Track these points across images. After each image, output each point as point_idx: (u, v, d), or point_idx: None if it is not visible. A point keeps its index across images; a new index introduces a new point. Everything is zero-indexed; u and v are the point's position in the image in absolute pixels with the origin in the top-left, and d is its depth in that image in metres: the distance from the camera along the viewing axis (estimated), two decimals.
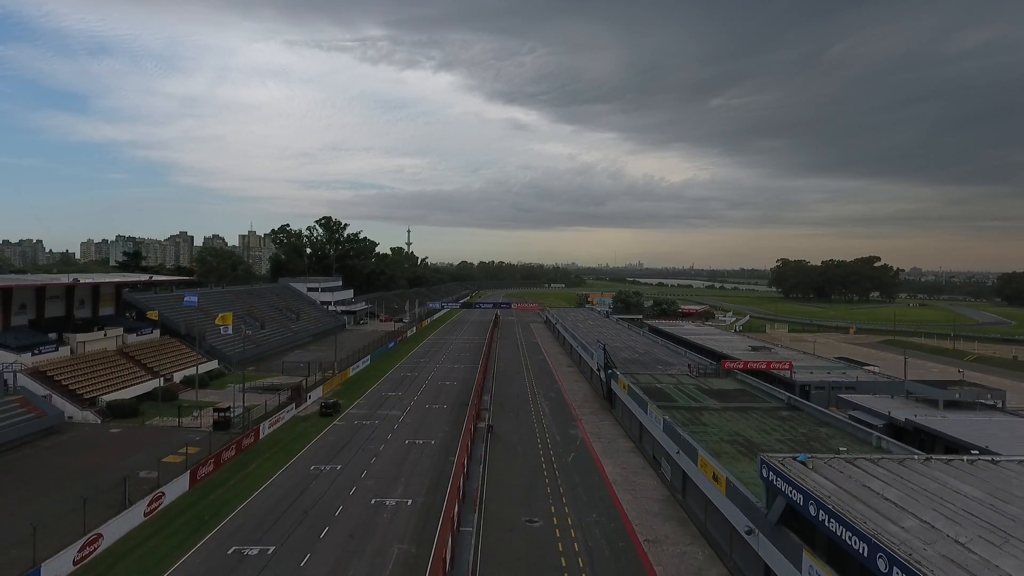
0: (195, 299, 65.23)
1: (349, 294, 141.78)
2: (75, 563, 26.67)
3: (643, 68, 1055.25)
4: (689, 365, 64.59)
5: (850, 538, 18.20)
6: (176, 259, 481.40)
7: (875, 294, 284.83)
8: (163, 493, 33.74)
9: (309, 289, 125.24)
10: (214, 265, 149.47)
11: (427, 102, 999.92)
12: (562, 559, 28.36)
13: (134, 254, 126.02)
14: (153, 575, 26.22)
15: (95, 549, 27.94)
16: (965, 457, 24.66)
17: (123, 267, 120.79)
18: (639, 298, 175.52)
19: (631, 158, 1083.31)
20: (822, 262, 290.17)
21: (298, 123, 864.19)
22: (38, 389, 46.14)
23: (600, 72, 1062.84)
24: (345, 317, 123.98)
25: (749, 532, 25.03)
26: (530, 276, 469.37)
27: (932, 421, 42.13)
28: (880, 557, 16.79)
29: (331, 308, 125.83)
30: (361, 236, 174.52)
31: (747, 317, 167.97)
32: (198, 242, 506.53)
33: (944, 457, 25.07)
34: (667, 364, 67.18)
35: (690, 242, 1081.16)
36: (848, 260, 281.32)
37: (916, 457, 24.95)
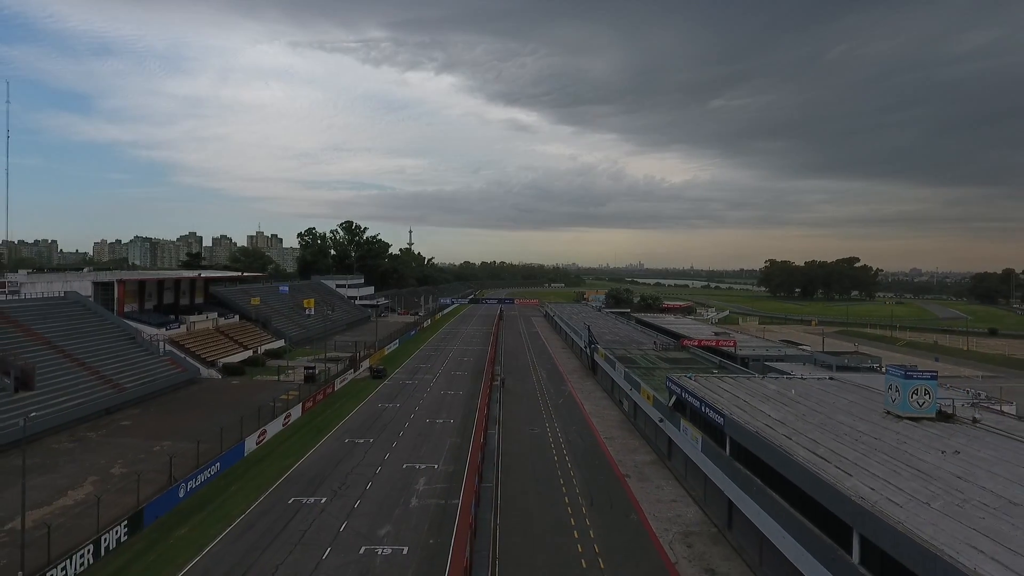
0: (287, 288, 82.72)
1: (370, 290, 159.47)
2: (257, 443, 44.21)
3: (643, 69, 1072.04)
4: (655, 342, 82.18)
5: (696, 402, 35.73)
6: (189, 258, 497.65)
7: (856, 292, 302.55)
8: (289, 414, 51.30)
9: (338, 286, 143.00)
10: (247, 264, 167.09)
11: (429, 103, 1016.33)
12: (551, 445, 46.00)
13: (196, 255, 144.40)
14: (306, 450, 43.69)
15: (264, 438, 45.46)
16: (785, 376, 42.30)
17: (186, 265, 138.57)
18: (629, 294, 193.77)
19: (632, 159, 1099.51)
20: (805, 262, 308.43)
21: (300, 124, 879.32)
22: (177, 353, 63.67)
23: (601, 73, 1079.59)
24: (369, 310, 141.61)
25: (661, 420, 42.57)
26: (531, 276, 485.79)
27: (819, 376, 59.65)
28: (703, 406, 34.33)
29: (357, 302, 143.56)
30: (377, 238, 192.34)
31: (727, 312, 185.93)
32: (207, 242, 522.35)
33: (774, 376, 42.73)
34: (640, 343, 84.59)
35: (690, 243, 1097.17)
36: (829, 261, 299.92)
37: (757, 376, 42.61)
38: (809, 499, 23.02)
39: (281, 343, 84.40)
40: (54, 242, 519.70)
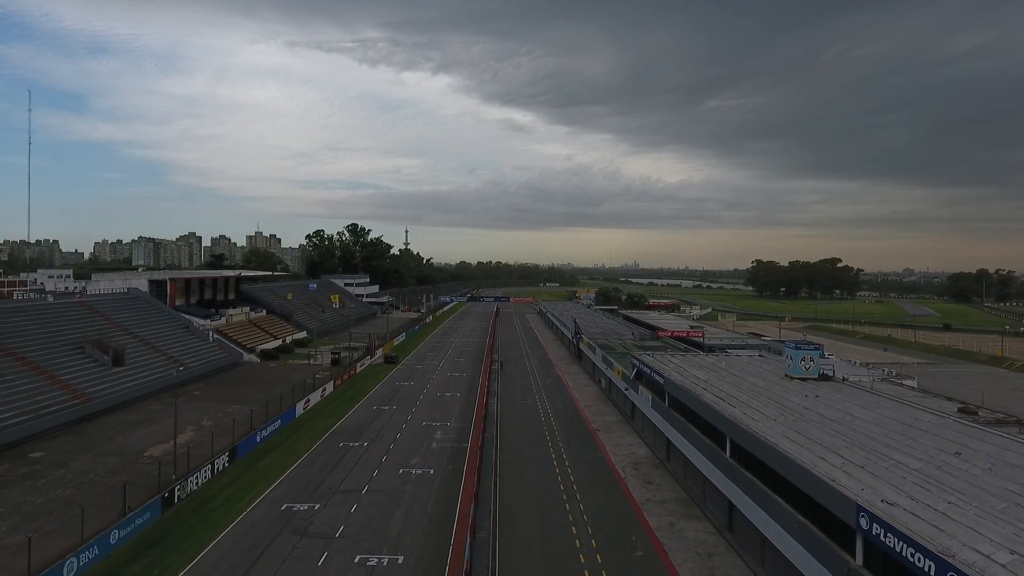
0: (315, 285, 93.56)
1: (375, 289, 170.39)
2: (303, 408, 55.15)
3: (639, 70, 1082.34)
4: (633, 333, 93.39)
5: (648, 371, 46.88)
6: (189, 258, 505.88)
7: (838, 292, 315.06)
8: (325, 388, 62.26)
9: (346, 284, 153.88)
10: (259, 264, 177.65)
11: (425, 103, 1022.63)
12: (540, 410, 57.15)
13: (220, 256, 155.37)
14: (344, 413, 54.60)
15: (308, 405, 56.39)
16: (724, 352, 53.52)
17: (210, 266, 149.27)
18: (617, 293, 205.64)
19: (627, 159, 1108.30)
20: (789, 263, 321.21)
21: (296, 123, 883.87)
22: (223, 340, 74.53)
23: (597, 74, 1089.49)
24: (376, 307, 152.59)
25: (626, 389, 53.72)
26: (526, 276, 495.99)
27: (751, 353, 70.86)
28: (652, 373, 45.50)
29: (364, 300, 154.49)
30: (380, 240, 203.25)
31: (709, 309, 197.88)
32: (206, 242, 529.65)
33: (713, 354, 53.94)
34: (621, 334, 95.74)
35: (685, 242, 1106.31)
36: (812, 261, 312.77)
37: (701, 353, 53.85)
38: (708, 424, 34.21)
39: (304, 334, 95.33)
40: (56, 242, 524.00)
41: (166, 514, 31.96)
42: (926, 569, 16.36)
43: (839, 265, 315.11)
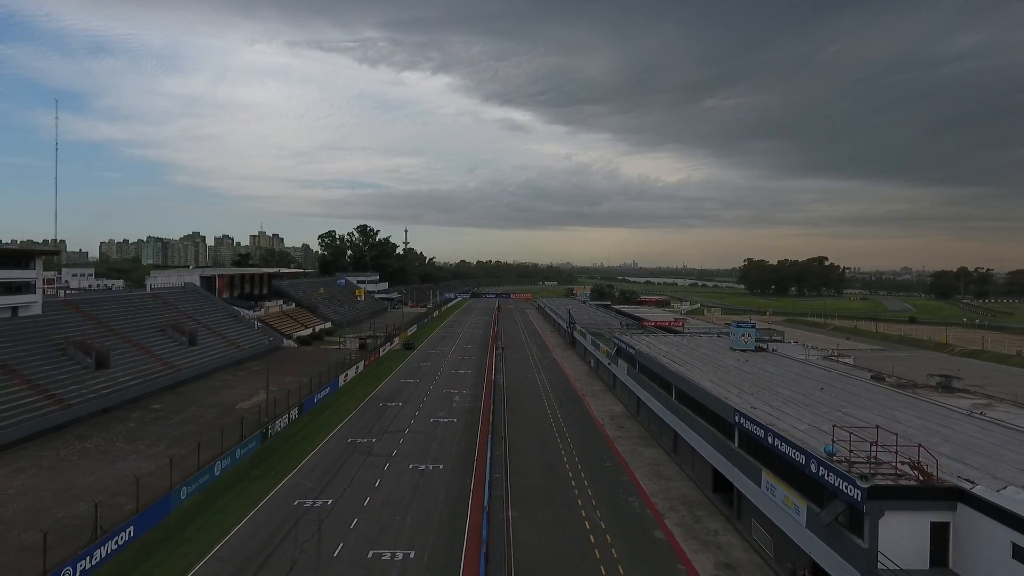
0: (343, 281, 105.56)
1: (385, 286, 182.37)
2: (344, 380, 67.04)
3: (638, 70, 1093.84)
4: (621, 324, 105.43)
5: (625, 346, 58.82)
6: (195, 257, 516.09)
7: (824, 289, 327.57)
8: (359, 366, 74.17)
9: (359, 281, 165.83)
10: (276, 263, 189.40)
11: (424, 102, 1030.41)
12: (538, 383, 69.16)
13: (245, 255, 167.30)
14: (377, 385, 66.48)
15: (347, 379, 68.27)
16: (689, 334, 65.58)
17: (237, 264, 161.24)
18: (611, 289, 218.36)
19: (626, 158, 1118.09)
20: (777, 262, 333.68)
21: (296, 123, 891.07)
22: (266, 327, 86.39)
23: (596, 73, 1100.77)
24: (386, 302, 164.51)
25: (609, 363, 65.67)
26: (525, 274, 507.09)
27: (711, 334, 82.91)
28: (627, 347, 57.48)
29: (375, 296, 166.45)
30: (387, 240, 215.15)
31: (697, 305, 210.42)
32: (209, 242, 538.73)
33: (680, 335, 65.96)
34: (611, 325, 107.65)
35: (684, 242, 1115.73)
36: (800, 260, 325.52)
37: (670, 334, 65.89)
38: (664, 380, 46.18)
39: (329, 324, 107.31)
40: (63, 241, 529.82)
41: (264, 445, 43.85)
42: (761, 434, 28.27)
43: (826, 263, 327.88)
